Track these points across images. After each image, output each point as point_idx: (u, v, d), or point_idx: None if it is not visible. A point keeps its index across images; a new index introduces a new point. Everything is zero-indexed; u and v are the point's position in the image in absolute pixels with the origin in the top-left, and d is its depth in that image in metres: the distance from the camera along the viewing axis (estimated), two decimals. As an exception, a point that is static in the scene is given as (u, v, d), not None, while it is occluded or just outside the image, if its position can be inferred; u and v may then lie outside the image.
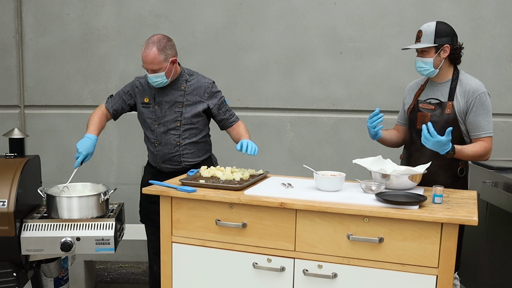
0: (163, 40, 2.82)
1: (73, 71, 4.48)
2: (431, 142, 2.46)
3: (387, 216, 2.09)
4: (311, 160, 4.34)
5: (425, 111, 2.73)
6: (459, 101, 2.67)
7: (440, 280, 2.06)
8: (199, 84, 2.94)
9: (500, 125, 4.28)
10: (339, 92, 4.38)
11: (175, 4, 4.38)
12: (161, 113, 2.91)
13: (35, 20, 4.44)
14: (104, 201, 2.67)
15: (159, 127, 2.92)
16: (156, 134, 2.94)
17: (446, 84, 2.74)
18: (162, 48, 2.79)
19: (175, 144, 2.91)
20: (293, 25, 4.35)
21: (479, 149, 2.63)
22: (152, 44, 2.78)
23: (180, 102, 2.90)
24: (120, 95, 3.04)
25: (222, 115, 2.99)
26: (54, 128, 4.54)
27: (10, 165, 2.64)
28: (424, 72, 2.72)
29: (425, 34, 2.68)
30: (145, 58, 2.78)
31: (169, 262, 2.43)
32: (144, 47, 2.80)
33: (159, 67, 2.79)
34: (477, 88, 2.66)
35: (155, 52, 2.77)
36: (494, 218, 3.26)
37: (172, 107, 2.90)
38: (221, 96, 2.99)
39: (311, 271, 2.22)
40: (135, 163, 4.54)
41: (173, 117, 2.90)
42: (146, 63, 2.80)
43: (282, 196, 2.29)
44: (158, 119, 2.92)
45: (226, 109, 3.00)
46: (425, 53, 2.69)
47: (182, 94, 2.91)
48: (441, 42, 2.66)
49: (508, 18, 4.21)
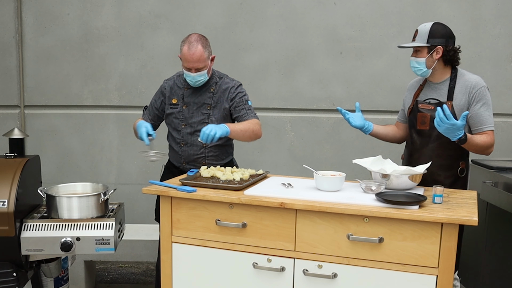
0: (203, 38, 2.81)
1: (73, 71, 4.48)
2: (445, 124, 2.39)
3: (387, 216, 2.09)
4: (311, 160, 4.34)
5: (425, 111, 2.73)
6: (459, 99, 2.67)
7: (440, 280, 2.06)
8: (227, 86, 2.93)
9: (500, 125, 4.28)
10: (339, 92, 4.38)
11: (175, 4, 4.38)
12: (189, 113, 2.90)
13: (35, 20, 4.44)
14: (104, 201, 2.67)
15: (185, 127, 2.91)
16: (182, 135, 2.92)
17: (444, 84, 2.74)
18: (205, 45, 2.79)
19: (201, 146, 2.89)
20: (293, 25, 4.35)
21: (486, 139, 2.61)
22: (196, 42, 2.76)
23: (208, 104, 2.89)
24: (152, 104, 3.06)
25: (237, 112, 2.92)
26: (54, 128, 4.54)
27: (10, 165, 2.64)
28: (418, 72, 2.74)
29: (420, 33, 2.70)
30: (191, 56, 2.74)
31: (169, 262, 2.43)
32: (187, 46, 2.76)
33: (204, 64, 2.78)
34: (478, 83, 2.66)
35: (201, 50, 2.75)
36: (494, 218, 3.26)
37: (200, 109, 2.89)
38: (242, 96, 2.93)
39: (311, 271, 2.22)
40: (135, 163, 4.55)
41: (200, 119, 2.89)
42: (191, 62, 2.75)
43: (282, 196, 2.29)
44: (185, 120, 2.91)
45: (243, 107, 2.92)
46: (418, 53, 2.70)
47: (211, 96, 2.90)
48: (434, 43, 2.66)
49: (508, 18, 4.21)
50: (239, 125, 2.83)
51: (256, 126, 2.87)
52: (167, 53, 4.41)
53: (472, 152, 2.70)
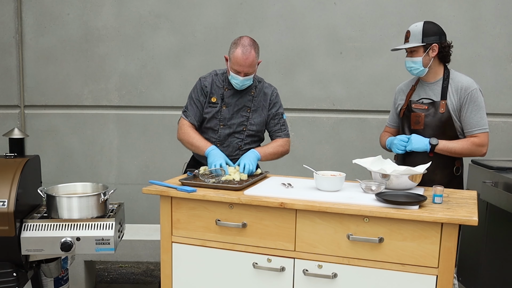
0: (255, 43, 2.80)
1: (73, 71, 4.48)
2: (403, 146, 2.66)
3: (387, 216, 2.08)
4: (311, 160, 4.34)
5: (419, 111, 2.75)
6: (452, 98, 2.70)
7: (440, 280, 2.06)
8: (266, 91, 2.94)
9: (500, 125, 4.28)
10: (339, 92, 4.38)
11: (175, 4, 4.38)
12: (228, 114, 2.88)
13: (35, 20, 4.44)
14: (104, 201, 2.67)
15: (223, 128, 2.89)
16: (219, 135, 2.90)
17: (437, 83, 2.76)
18: (257, 51, 2.79)
19: (237, 148, 2.90)
20: (293, 25, 4.35)
21: (465, 144, 2.67)
22: (250, 47, 2.74)
23: (248, 107, 2.89)
24: (193, 103, 2.91)
25: (272, 126, 2.96)
26: (54, 128, 4.54)
27: (10, 165, 2.64)
28: (414, 71, 2.76)
29: (413, 34, 2.73)
30: (245, 61, 2.71)
31: (169, 262, 2.43)
32: (241, 50, 2.72)
33: (254, 70, 2.78)
34: (469, 85, 2.69)
35: (254, 55, 2.74)
36: (494, 218, 3.26)
37: (240, 111, 2.89)
38: (279, 107, 2.96)
39: (311, 271, 2.22)
40: (135, 163, 4.55)
41: (239, 121, 2.89)
42: (244, 66, 2.72)
43: (282, 196, 2.29)
44: (224, 120, 2.89)
45: (278, 122, 2.95)
46: (414, 53, 2.73)
47: (251, 99, 2.90)
48: (429, 41, 2.69)
49: (508, 18, 4.22)
50: (270, 148, 2.89)
51: (285, 147, 2.95)
52: (167, 53, 4.41)
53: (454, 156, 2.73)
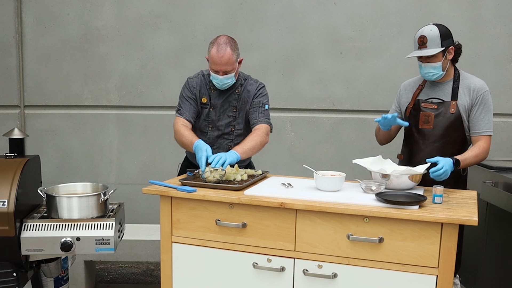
0: (232, 40, 2.76)
1: (73, 71, 4.48)
2: (443, 172, 2.44)
3: (387, 216, 2.08)
4: (311, 160, 4.34)
5: (428, 110, 2.73)
6: (464, 99, 2.69)
7: (440, 280, 2.06)
8: (250, 88, 2.90)
9: (500, 125, 4.28)
10: (339, 92, 4.38)
11: (175, 4, 4.38)
12: (216, 116, 2.87)
13: (35, 20, 4.44)
14: (104, 201, 2.67)
15: (212, 130, 2.89)
16: (209, 137, 2.89)
17: (447, 83, 2.75)
18: (234, 48, 2.74)
19: (227, 149, 2.86)
20: (293, 25, 4.35)
21: (478, 151, 2.65)
22: (225, 45, 2.70)
23: (234, 106, 2.87)
24: (186, 101, 2.87)
25: (250, 114, 2.87)
26: (54, 128, 4.54)
27: (10, 165, 2.64)
28: (433, 76, 2.71)
29: (431, 39, 2.64)
30: (220, 59, 2.68)
31: (169, 262, 2.43)
32: (216, 49, 2.69)
33: (232, 67, 2.74)
34: (482, 87, 2.70)
35: (230, 53, 2.70)
36: (494, 218, 3.26)
37: (226, 111, 2.87)
38: (261, 97, 2.88)
39: (311, 271, 2.22)
40: (135, 163, 4.55)
41: (227, 122, 2.87)
42: (220, 65, 2.70)
43: (282, 196, 2.29)
44: (212, 122, 2.88)
45: (257, 110, 2.87)
46: (432, 58, 2.66)
47: (236, 98, 2.87)
48: (447, 44, 2.67)
49: (508, 18, 4.21)
50: (247, 144, 2.73)
51: (262, 137, 2.79)
52: (167, 53, 4.41)
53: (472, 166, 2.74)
